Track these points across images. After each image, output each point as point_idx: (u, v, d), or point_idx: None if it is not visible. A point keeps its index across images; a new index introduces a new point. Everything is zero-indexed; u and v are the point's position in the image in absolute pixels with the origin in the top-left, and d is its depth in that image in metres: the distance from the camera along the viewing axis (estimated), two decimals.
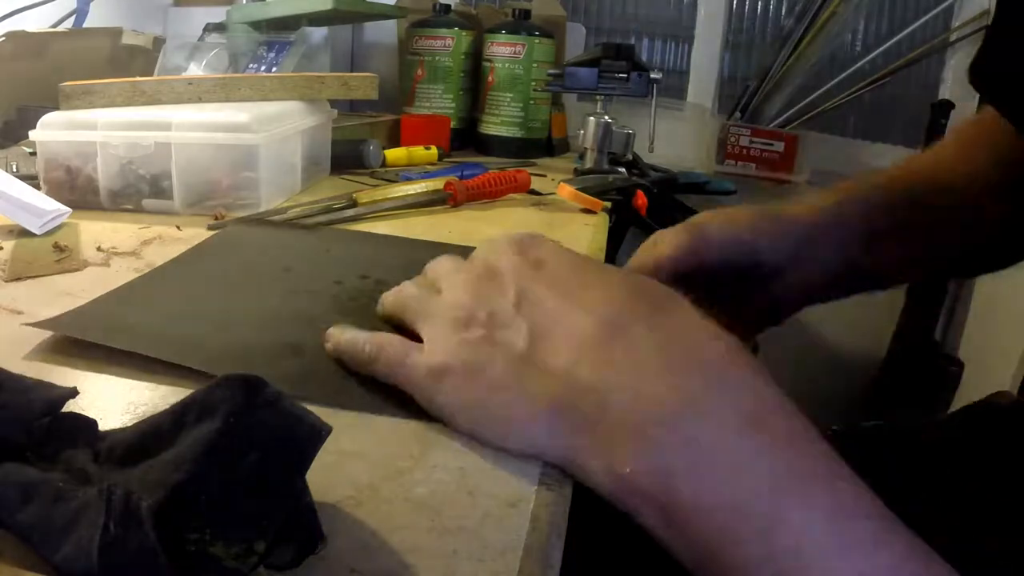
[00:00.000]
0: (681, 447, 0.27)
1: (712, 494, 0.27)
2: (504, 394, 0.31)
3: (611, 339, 0.31)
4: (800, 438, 0.28)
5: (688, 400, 0.28)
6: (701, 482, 0.27)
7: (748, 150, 1.63)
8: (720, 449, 0.27)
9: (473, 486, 0.30)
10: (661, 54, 1.81)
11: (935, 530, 0.29)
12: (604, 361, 0.30)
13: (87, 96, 0.72)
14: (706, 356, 0.30)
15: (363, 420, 0.34)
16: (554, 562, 0.27)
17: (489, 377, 0.32)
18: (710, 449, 0.27)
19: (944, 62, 1.68)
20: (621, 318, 0.31)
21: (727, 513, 0.26)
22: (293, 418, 0.25)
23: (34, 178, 0.68)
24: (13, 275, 0.50)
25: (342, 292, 0.49)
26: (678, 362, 0.30)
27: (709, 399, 0.28)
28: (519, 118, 1.22)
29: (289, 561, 0.24)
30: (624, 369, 0.30)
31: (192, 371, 0.36)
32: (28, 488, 0.24)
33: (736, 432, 0.28)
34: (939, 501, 0.50)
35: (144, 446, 0.25)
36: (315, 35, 1.16)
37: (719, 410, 0.28)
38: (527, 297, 0.33)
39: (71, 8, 1.13)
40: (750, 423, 0.28)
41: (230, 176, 0.69)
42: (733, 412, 0.28)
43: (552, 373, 0.31)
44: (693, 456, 0.27)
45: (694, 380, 0.29)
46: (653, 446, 0.28)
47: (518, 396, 0.31)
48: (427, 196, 0.78)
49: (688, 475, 0.27)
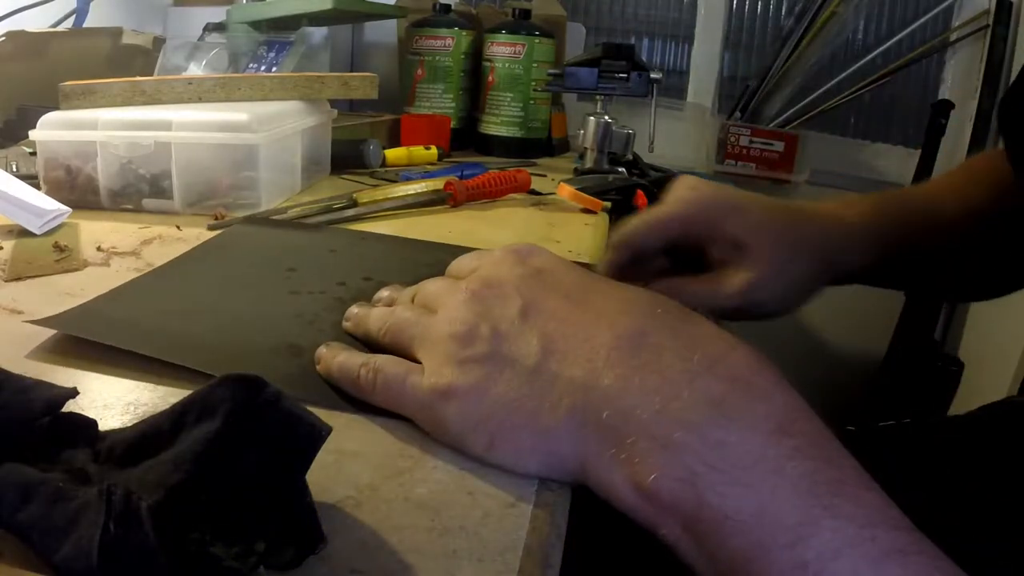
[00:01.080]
0: (709, 453, 0.26)
1: (741, 500, 0.26)
2: (517, 411, 0.30)
3: (634, 347, 0.30)
4: (826, 445, 0.27)
5: (715, 405, 0.27)
6: (729, 488, 0.26)
7: (748, 150, 1.63)
8: (749, 455, 0.26)
9: (473, 486, 0.30)
10: (661, 54, 1.81)
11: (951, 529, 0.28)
12: (628, 368, 0.29)
13: (87, 96, 0.72)
14: (731, 363, 0.29)
15: (363, 420, 0.34)
16: (554, 562, 0.27)
17: (498, 395, 0.30)
18: (738, 455, 0.26)
19: (944, 62, 1.68)
20: (643, 325, 0.30)
21: (756, 520, 0.25)
22: (293, 418, 0.25)
23: (34, 178, 0.68)
24: (13, 275, 0.50)
25: (345, 294, 0.49)
26: (704, 369, 0.29)
27: (736, 405, 0.27)
28: (519, 118, 1.22)
29: (289, 561, 0.24)
30: (648, 376, 0.29)
31: (193, 372, 0.37)
32: (28, 488, 0.24)
33: (764, 437, 0.27)
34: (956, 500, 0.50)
35: (144, 446, 0.25)
36: (315, 35, 1.16)
37: (747, 416, 0.27)
38: (534, 307, 0.32)
39: (71, 8, 1.13)
40: (778, 429, 0.27)
41: (230, 176, 0.68)
42: (761, 418, 0.27)
43: (570, 383, 0.29)
44: (721, 462, 0.26)
45: (721, 386, 0.28)
46: (680, 452, 0.27)
47: (533, 412, 0.30)
48: (427, 196, 0.78)
49: (716, 481, 0.26)
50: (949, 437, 0.58)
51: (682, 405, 0.27)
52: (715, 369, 0.29)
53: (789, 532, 0.25)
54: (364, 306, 0.42)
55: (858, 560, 0.24)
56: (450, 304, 0.34)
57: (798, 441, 0.27)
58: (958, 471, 0.54)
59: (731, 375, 0.28)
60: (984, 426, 0.58)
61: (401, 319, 0.36)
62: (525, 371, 0.30)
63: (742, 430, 0.27)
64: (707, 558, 0.26)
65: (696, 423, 0.27)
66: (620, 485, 0.28)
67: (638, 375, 0.29)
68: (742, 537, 0.25)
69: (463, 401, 0.31)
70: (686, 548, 0.27)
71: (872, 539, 0.25)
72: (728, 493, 0.26)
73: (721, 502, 0.26)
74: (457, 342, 0.32)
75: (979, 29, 1.60)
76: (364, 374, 0.34)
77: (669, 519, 0.27)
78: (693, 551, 0.27)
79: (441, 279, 0.38)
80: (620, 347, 0.30)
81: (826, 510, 0.25)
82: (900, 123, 1.73)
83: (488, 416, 0.30)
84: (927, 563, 0.25)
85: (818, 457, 0.27)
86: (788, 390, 0.29)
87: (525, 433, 0.30)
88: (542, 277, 0.34)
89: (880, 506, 0.26)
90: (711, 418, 0.27)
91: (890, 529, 0.25)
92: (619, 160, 1.06)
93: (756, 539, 0.25)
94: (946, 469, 0.54)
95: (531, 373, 0.30)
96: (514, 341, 0.31)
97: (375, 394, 0.34)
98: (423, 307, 0.37)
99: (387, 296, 0.42)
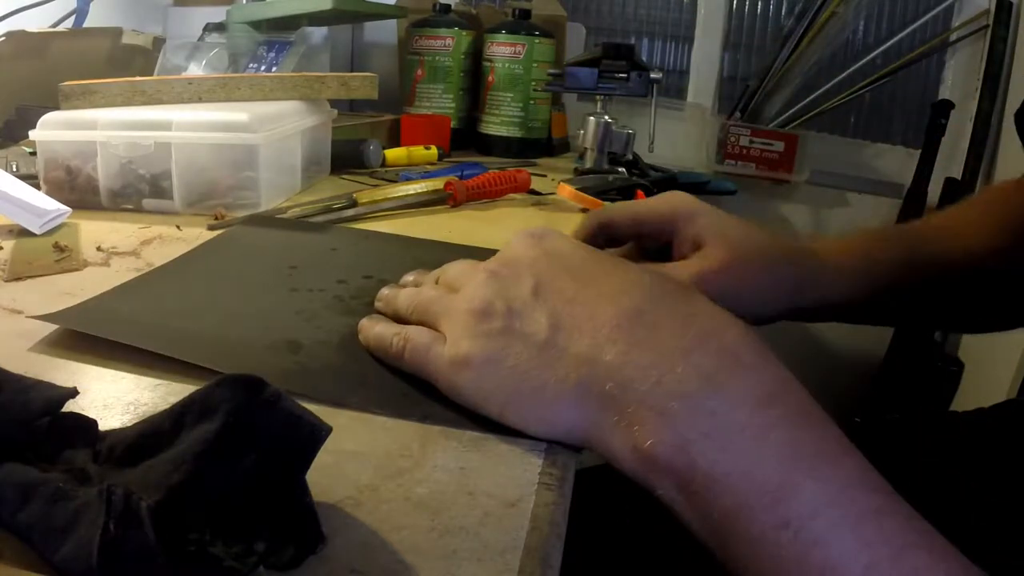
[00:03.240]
0: (700, 420, 0.29)
1: (727, 464, 0.28)
2: (528, 382, 0.33)
3: (633, 324, 0.32)
4: (810, 415, 0.30)
5: (707, 378, 0.30)
6: (718, 453, 0.28)
7: (748, 150, 1.63)
8: (736, 422, 0.29)
9: (473, 486, 0.30)
10: (661, 54, 1.81)
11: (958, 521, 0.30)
12: (628, 344, 0.31)
13: (87, 96, 0.72)
14: (723, 339, 0.31)
15: (363, 420, 0.34)
16: (554, 562, 0.27)
17: (511, 366, 0.33)
18: (727, 422, 0.29)
19: (944, 62, 1.68)
20: (642, 304, 0.33)
21: (742, 482, 0.28)
22: (293, 418, 0.25)
23: (34, 178, 0.68)
24: (13, 275, 0.50)
25: (345, 292, 0.49)
26: (697, 344, 0.31)
27: (727, 378, 0.30)
28: (519, 118, 1.22)
29: (289, 561, 0.24)
30: (647, 351, 0.31)
31: (193, 371, 0.37)
32: (28, 488, 0.24)
33: (752, 407, 0.29)
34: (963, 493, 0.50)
35: (144, 446, 0.25)
36: (315, 35, 1.16)
37: (736, 387, 0.30)
38: (545, 286, 0.35)
39: (71, 8, 1.13)
40: (765, 400, 0.29)
41: (230, 176, 0.68)
42: (749, 389, 0.30)
43: (576, 357, 0.32)
44: (710, 428, 0.29)
45: (713, 360, 0.30)
46: (673, 420, 0.29)
47: (543, 383, 0.32)
48: (427, 196, 0.78)
49: (705, 446, 0.28)
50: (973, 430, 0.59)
51: (677, 378, 0.30)
52: (708, 345, 0.31)
53: (772, 493, 0.27)
54: (394, 287, 0.45)
55: (836, 519, 0.26)
56: (470, 283, 0.37)
57: (782, 411, 0.29)
58: (963, 465, 0.54)
59: (722, 350, 0.31)
60: (991, 423, 0.59)
61: (426, 298, 0.39)
62: (536, 345, 0.33)
63: (731, 400, 0.29)
64: (699, 516, 0.29)
65: (689, 394, 0.29)
66: (621, 449, 0.30)
67: (637, 350, 0.31)
68: (730, 497, 0.28)
69: (479, 370, 0.34)
70: (681, 507, 0.29)
71: (852, 500, 0.27)
72: (717, 458, 0.28)
73: (711, 466, 0.28)
74: (475, 317, 0.35)
75: (979, 29, 1.60)
76: (396, 342, 0.38)
77: (665, 480, 0.29)
78: (687, 510, 0.29)
79: (462, 262, 0.41)
80: (621, 325, 0.32)
81: (806, 474, 0.27)
82: (900, 123, 1.73)
83: (501, 385, 0.33)
84: (902, 523, 0.27)
85: (801, 425, 0.29)
86: (776, 364, 0.31)
87: (534, 402, 0.32)
88: (554, 258, 0.36)
89: (859, 470, 0.28)
90: (703, 390, 0.29)
91: (868, 491, 0.28)
92: (619, 160, 1.06)
93: (743, 499, 0.27)
94: (950, 462, 0.55)
95: (541, 347, 0.33)
96: (526, 318, 0.34)
97: (403, 360, 0.37)
98: (446, 286, 0.40)
99: (413, 279, 0.46)
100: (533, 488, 0.30)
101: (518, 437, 0.34)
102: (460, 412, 0.35)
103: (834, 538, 0.26)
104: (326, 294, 0.48)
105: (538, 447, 0.33)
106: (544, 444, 0.33)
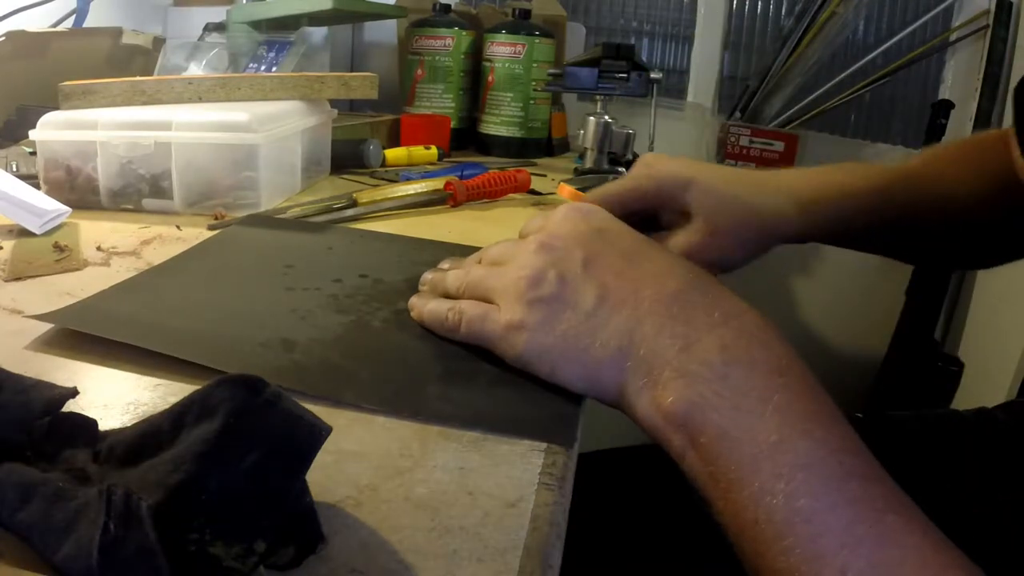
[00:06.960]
0: (716, 383, 0.32)
1: (735, 421, 0.31)
2: (575, 346, 0.36)
3: (671, 303, 0.36)
4: (811, 388, 0.33)
5: (726, 348, 0.34)
6: (729, 412, 0.32)
7: (748, 150, 1.63)
8: (746, 386, 0.32)
9: (473, 486, 0.30)
10: (661, 54, 1.81)
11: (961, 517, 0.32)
12: (663, 318, 0.35)
13: (87, 96, 0.72)
14: (743, 320, 0.35)
15: (363, 420, 0.34)
16: (554, 562, 0.27)
17: (561, 331, 0.37)
18: (738, 385, 0.32)
19: (944, 62, 1.68)
20: (680, 286, 0.37)
21: (746, 436, 0.31)
22: (293, 418, 0.25)
23: (34, 178, 0.68)
24: (13, 275, 0.50)
25: (340, 290, 0.49)
26: (722, 322, 0.35)
27: (743, 350, 0.34)
28: (519, 118, 1.22)
29: (289, 561, 0.24)
30: (679, 325, 0.35)
31: (192, 370, 0.37)
32: (28, 488, 0.24)
33: (761, 376, 0.33)
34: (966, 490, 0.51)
35: (144, 446, 0.25)
36: (315, 35, 1.16)
37: (749, 358, 0.33)
38: (594, 260, 0.38)
39: (71, 8, 1.13)
40: (773, 370, 0.33)
41: (230, 176, 0.68)
42: (760, 361, 0.34)
43: (617, 328, 0.36)
44: (724, 390, 0.32)
45: (733, 335, 0.34)
46: (693, 380, 0.33)
47: (587, 347, 0.36)
48: (427, 196, 0.78)
49: (719, 405, 0.32)
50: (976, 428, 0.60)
51: (701, 347, 0.34)
52: (729, 323, 0.35)
53: (770, 448, 0.30)
54: (436, 271, 0.47)
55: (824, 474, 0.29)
56: (520, 255, 0.40)
57: (786, 379, 0.33)
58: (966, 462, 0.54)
59: (742, 328, 0.35)
60: (995, 422, 0.59)
61: (476, 276, 0.42)
62: (583, 314, 0.37)
63: (744, 368, 0.33)
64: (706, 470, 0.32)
65: (709, 361, 0.33)
66: (646, 406, 0.34)
67: (671, 323, 0.35)
68: (736, 450, 0.31)
69: (532, 333, 0.37)
70: (691, 461, 0.32)
71: (839, 463, 0.30)
72: (728, 415, 0.32)
73: (721, 421, 0.32)
74: (528, 283, 0.38)
75: (979, 29, 1.60)
76: (451, 316, 0.41)
77: (679, 434, 0.33)
78: (696, 463, 0.32)
79: (502, 242, 0.44)
80: (660, 300, 0.36)
81: (801, 433, 0.31)
82: (900, 123, 1.73)
83: (551, 347, 0.37)
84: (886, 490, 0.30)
85: (802, 393, 0.33)
86: (784, 343, 0.35)
87: (579, 364, 0.36)
88: (603, 235, 0.40)
89: (848, 436, 0.32)
90: (721, 357, 0.33)
91: (855, 455, 0.31)
92: (619, 160, 1.06)
93: (746, 452, 0.31)
94: (953, 459, 0.55)
95: (588, 316, 0.37)
96: (576, 287, 0.38)
97: (460, 332, 0.41)
98: (491, 263, 0.43)
99: (449, 266, 0.48)
100: (533, 488, 0.30)
101: (518, 437, 0.34)
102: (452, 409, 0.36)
103: (822, 492, 0.29)
104: (321, 293, 0.49)
105: (538, 447, 0.33)
106: (544, 444, 0.34)
